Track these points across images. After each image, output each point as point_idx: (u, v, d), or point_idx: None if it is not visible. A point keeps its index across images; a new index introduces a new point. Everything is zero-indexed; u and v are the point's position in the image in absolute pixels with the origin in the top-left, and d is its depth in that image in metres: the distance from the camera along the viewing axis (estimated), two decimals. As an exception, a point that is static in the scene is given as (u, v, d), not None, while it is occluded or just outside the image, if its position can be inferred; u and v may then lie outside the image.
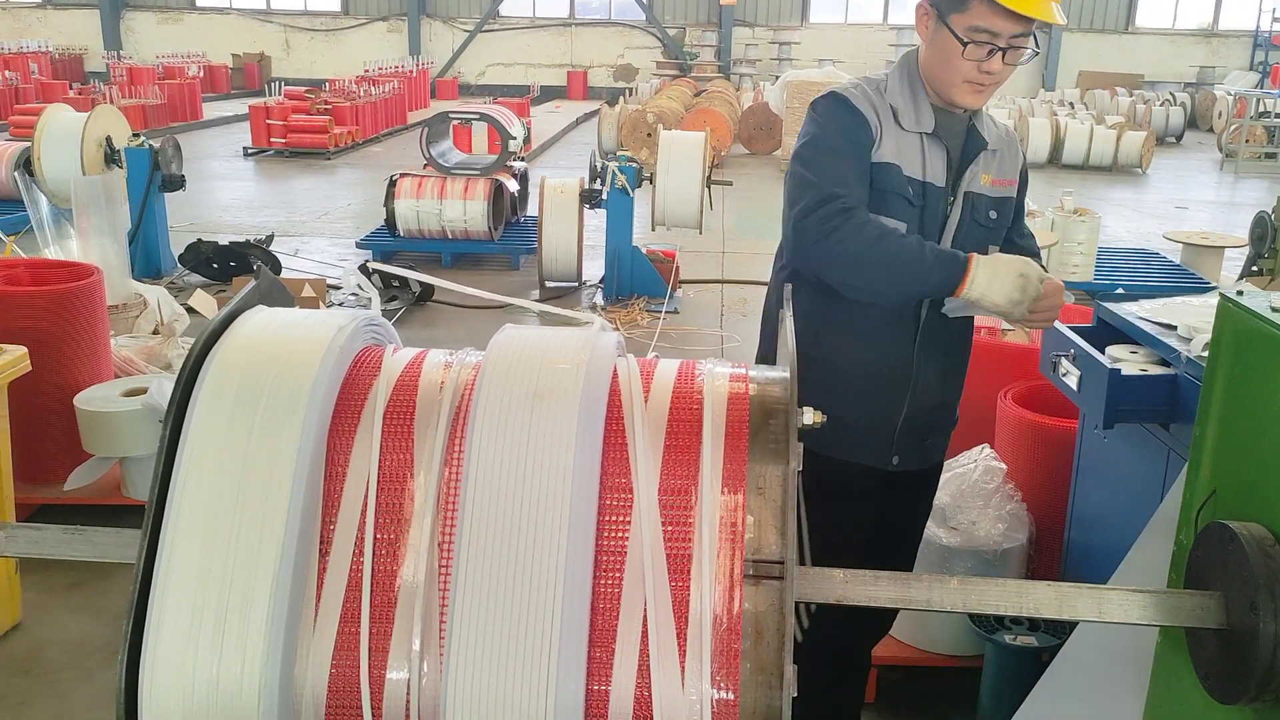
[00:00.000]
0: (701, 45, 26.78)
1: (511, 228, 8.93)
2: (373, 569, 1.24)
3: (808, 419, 1.32)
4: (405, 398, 1.33)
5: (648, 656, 1.19)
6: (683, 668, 1.19)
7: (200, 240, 7.71)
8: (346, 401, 1.32)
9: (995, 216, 2.24)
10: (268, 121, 15.21)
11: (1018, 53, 2.09)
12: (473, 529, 1.17)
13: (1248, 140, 16.82)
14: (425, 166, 8.61)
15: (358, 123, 16.36)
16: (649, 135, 13.60)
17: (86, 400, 3.96)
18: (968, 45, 2.03)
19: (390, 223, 8.39)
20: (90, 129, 7.95)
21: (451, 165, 8.65)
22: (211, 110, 20.06)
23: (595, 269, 7.92)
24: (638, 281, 7.42)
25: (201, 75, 21.69)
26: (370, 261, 8.01)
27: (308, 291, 6.19)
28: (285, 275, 7.04)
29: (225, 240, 7.85)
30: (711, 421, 1.29)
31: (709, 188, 7.77)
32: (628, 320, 6.93)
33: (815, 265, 2.07)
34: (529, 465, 1.19)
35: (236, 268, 7.41)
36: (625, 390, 1.32)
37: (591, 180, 7.59)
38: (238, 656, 1.14)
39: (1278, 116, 17.91)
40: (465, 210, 8.28)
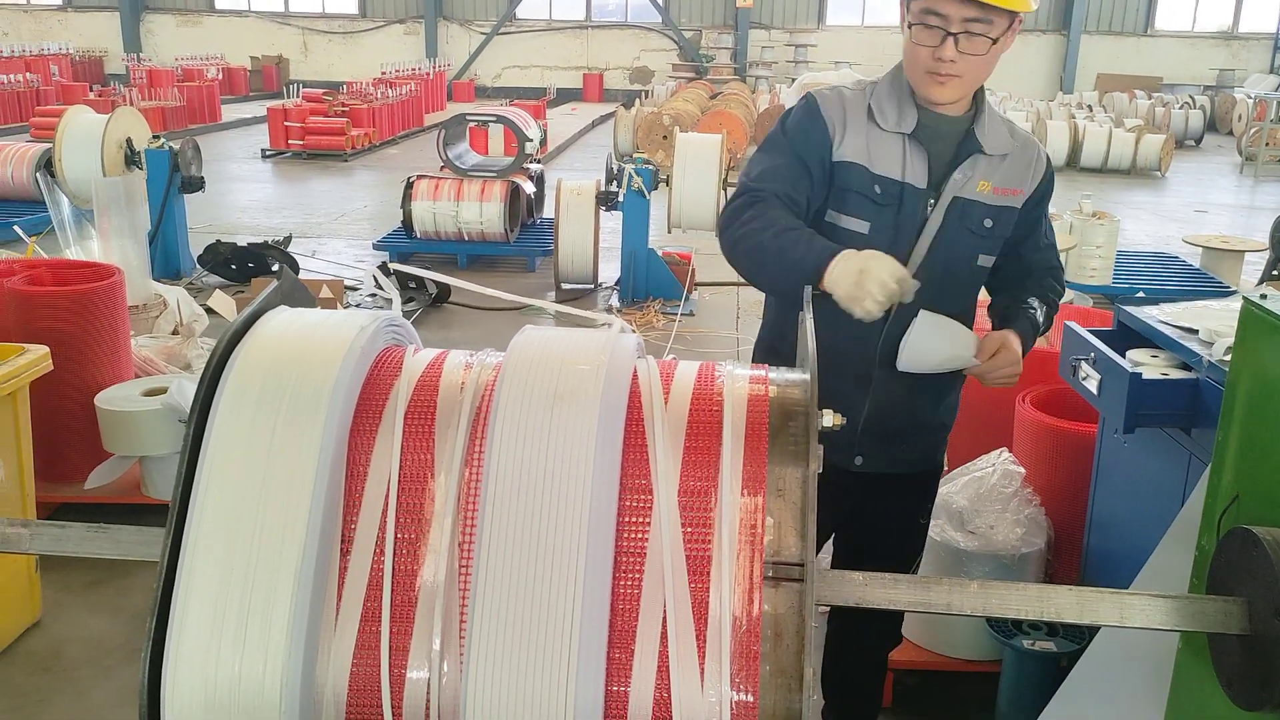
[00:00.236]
0: (717, 47, 26.77)
1: (527, 230, 8.95)
2: (393, 569, 1.24)
3: (828, 421, 1.33)
4: (426, 398, 1.34)
5: (667, 658, 1.19)
6: (702, 669, 1.19)
7: (219, 241, 7.76)
8: (368, 402, 1.33)
9: (991, 225, 2.17)
10: (286, 123, 15.29)
11: (975, 41, 1.98)
12: (493, 530, 1.17)
13: (1268, 144, 16.68)
14: (442, 168, 8.64)
15: (375, 125, 16.43)
16: (665, 137, 13.61)
17: (107, 400, 3.99)
18: (913, 28, 2.01)
19: (407, 224, 8.42)
20: (111, 131, 8.01)
21: (468, 167, 8.67)
22: (230, 112, 20.17)
23: (611, 271, 7.93)
24: (653, 284, 7.42)
25: (220, 77, 21.82)
26: (388, 263, 8.05)
27: (325, 293, 6.22)
28: (303, 276, 7.06)
29: (244, 241, 7.90)
30: (731, 423, 1.29)
31: (725, 190, 7.77)
32: (643, 322, 6.93)
33: (725, 256, 2.15)
34: (549, 466, 1.19)
35: (255, 269, 7.46)
36: (645, 392, 1.32)
37: (608, 182, 7.60)
38: (260, 654, 1.14)
39: (1299, 120, 17.76)
40: (481, 212, 8.31)
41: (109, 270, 4.38)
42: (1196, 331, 2.41)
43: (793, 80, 18.28)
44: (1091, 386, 2.47)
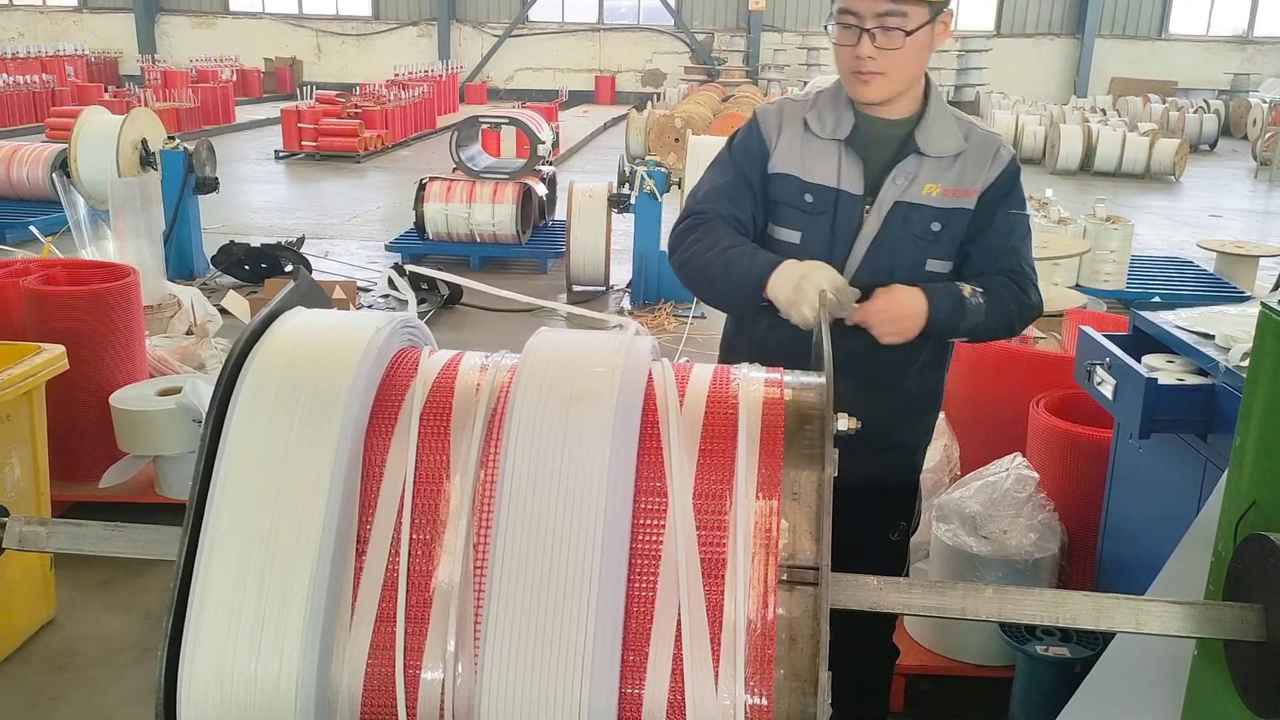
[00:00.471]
0: (730, 50, 26.75)
1: (539, 231, 8.96)
2: (408, 569, 1.25)
3: (842, 425, 1.32)
4: (442, 399, 1.34)
5: (681, 660, 1.19)
6: (716, 672, 1.19)
7: (232, 242, 7.79)
8: (384, 402, 1.33)
9: (940, 229, 2.10)
10: (299, 125, 15.34)
11: (891, 35, 1.96)
12: (508, 531, 1.17)
13: (1283, 148, 16.58)
14: (454, 170, 8.66)
15: (387, 126, 16.47)
16: (677, 140, 13.61)
17: (122, 399, 4.01)
18: (829, 28, 2.03)
19: (419, 226, 8.44)
20: (126, 131, 8.06)
21: (481, 169, 8.69)
22: (244, 114, 20.26)
23: (623, 273, 7.93)
24: (665, 286, 7.43)
25: (234, 79, 21.91)
26: (397, 265, 8.07)
27: (338, 294, 6.23)
28: (315, 278, 7.09)
29: (257, 242, 7.92)
30: (746, 426, 1.29)
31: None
32: (655, 325, 6.93)
33: (677, 276, 2.19)
34: (564, 468, 1.20)
35: (268, 270, 7.48)
36: (660, 394, 1.33)
37: (620, 185, 7.60)
38: (275, 654, 1.15)
39: (1314, 124, 17.66)
40: (494, 214, 8.32)
41: (124, 270, 4.40)
42: (1212, 337, 2.40)
43: (804, 83, 18.26)
44: (1107, 391, 2.46)
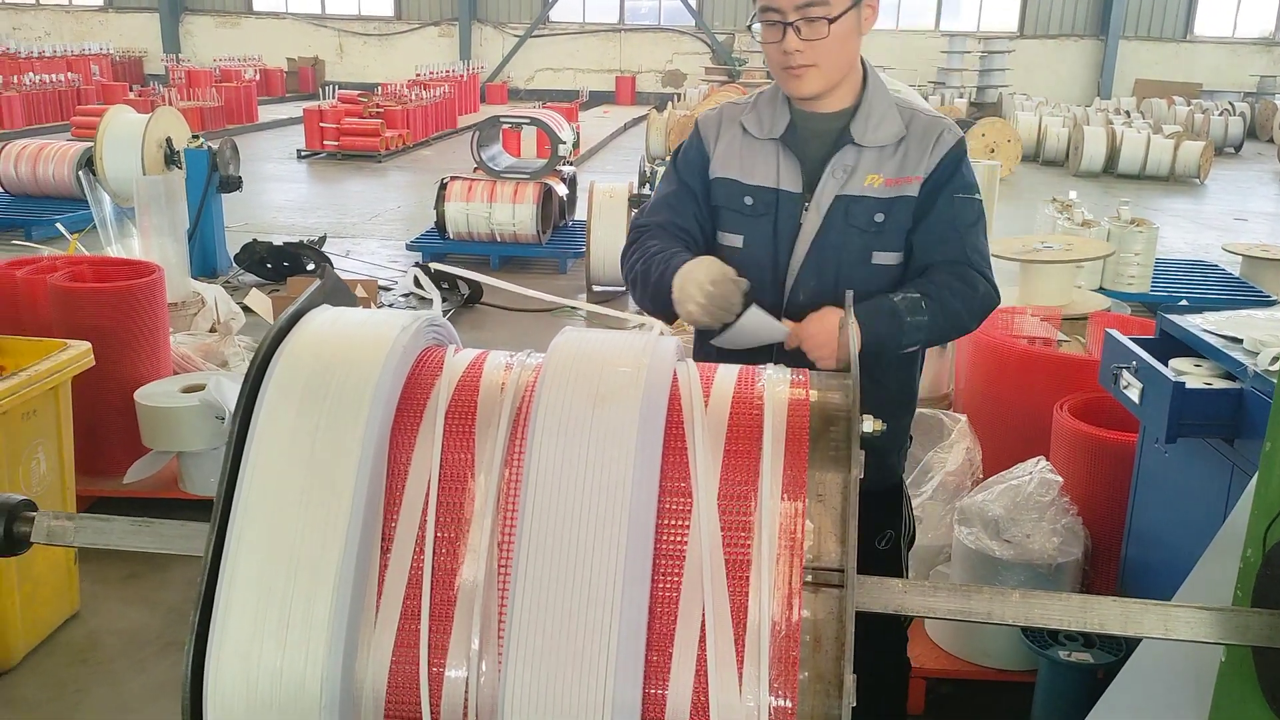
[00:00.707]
0: (750, 51, 26.66)
1: (560, 231, 8.98)
2: (433, 567, 1.25)
3: (868, 427, 1.31)
4: (467, 398, 1.34)
5: (705, 661, 1.19)
6: (740, 674, 1.18)
7: (255, 240, 7.85)
8: (409, 401, 1.33)
9: (883, 219, 2.05)
10: (321, 124, 15.44)
11: (814, 25, 1.95)
12: (532, 530, 1.17)
13: (1310, 151, 16.43)
14: (475, 170, 8.69)
15: (408, 126, 16.54)
16: (697, 141, 13.59)
17: (146, 395, 4.04)
18: (753, 27, 2.01)
19: (440, 225, 8.47)
20: (151, 130, 8.13)
21: (501, 169, 8.71)
22: (266, 113, 20.39)
23: (643, 274, 7.92)
24: (685, 287, 7.41)
25: (257, 78, 22.08)
26: (419, 263, 8.10)
27: (359, 292, 6.26)
28: (337, 276, 7.12)
29: (279, 241, 7.97)
30: (772, 427, 1.29)
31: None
32: (676, 325, 6.91)
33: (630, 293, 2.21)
34: (589, 468, 1.19)
35: (290, 268, 7.53)
36: (685, 395, 1.32)
37: (640, 185, 7.61)
38: (301, 649, 1.15)
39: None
40: (514, 214, 8.34)
41: (150, 268, 4.44)
42: (1241, 341, 2.37)
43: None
44: (1133, 395, 2.44)
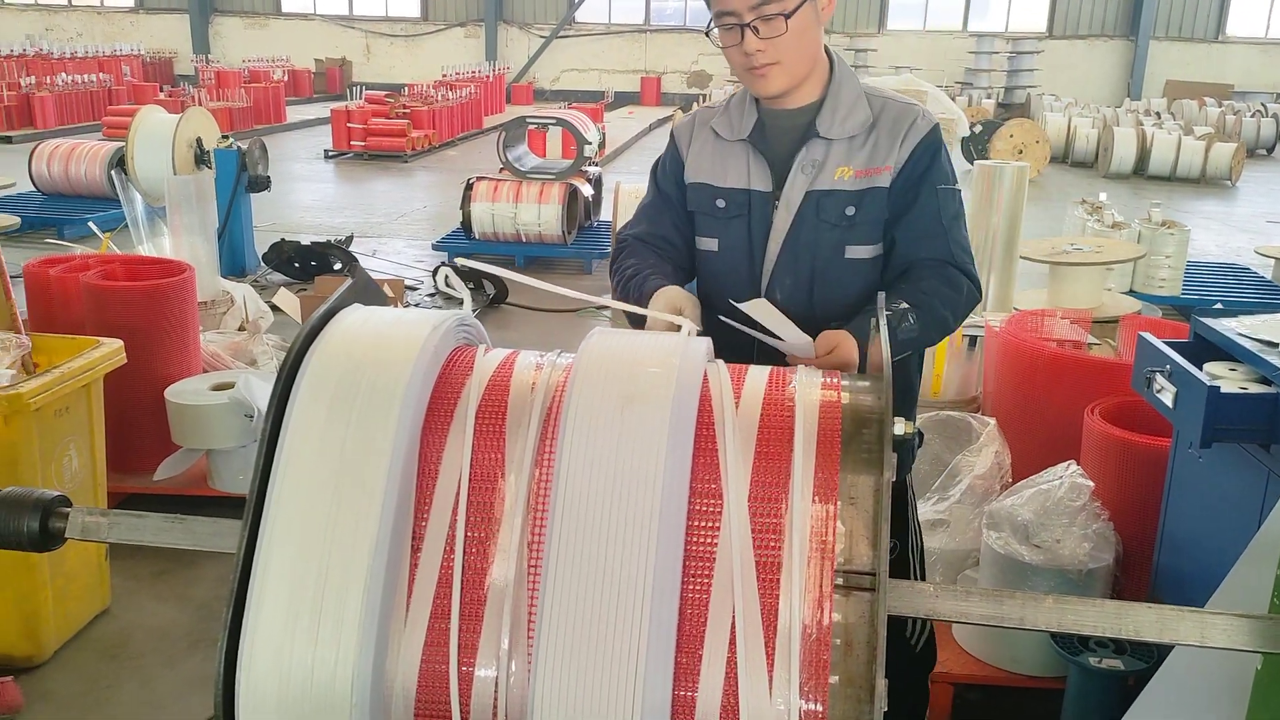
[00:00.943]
0: (776, 52, 26.62)
1: (585, 232, 8.99)
2: (463, 567, 1.25)
3: (899, 430, 1.30)
4: (497, 398, 1.34)
5: (735, 664, 1.18)
6: (770, 677, 1.17)
7: (283, 240, 7.91)
8: (439, 400, 1.34)
9: (854, 212, 2.01)
10: (348, 125, 15.55)
11: (772, 23, 1.92)
12: (562, 531, 1.17)
13: (1345, 153, 16.19)
14: (501, 170, 8.71)
15: (435, 126, 16.63)
16: (723, 141, 13.56)
17: (176, 393, 4.08)
18: (713, 32, 2.00)
19: (466, 225, 8.50)
20: (182, 130, 8.21)
21: (527, 169, 8.74)
22: (294, 113, 20.55)
23: (668, 274, 7.91)
24: (710, 288, 7.39)
25: (285, 79, 22.23)
26: (445, 264, 8.13)
27: (386, 292, 6.29)
28: (364, 275, 7.16)
29: (306, 240, 8.03)
30: (803, 429, 1.28)
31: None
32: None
33: None
34: (619, 468, 1.19)
35: (317, 267, 7.58)
36: (716, 396, 1.32)
37: (666, 186, 7.59)
38: (332, 647, 1.15)
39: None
40: (540, 214, 8.36)
41: (180, 266, 4.48)
42: (1277, 345, 2.34)
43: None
44: (1166, 399, 2.41)
